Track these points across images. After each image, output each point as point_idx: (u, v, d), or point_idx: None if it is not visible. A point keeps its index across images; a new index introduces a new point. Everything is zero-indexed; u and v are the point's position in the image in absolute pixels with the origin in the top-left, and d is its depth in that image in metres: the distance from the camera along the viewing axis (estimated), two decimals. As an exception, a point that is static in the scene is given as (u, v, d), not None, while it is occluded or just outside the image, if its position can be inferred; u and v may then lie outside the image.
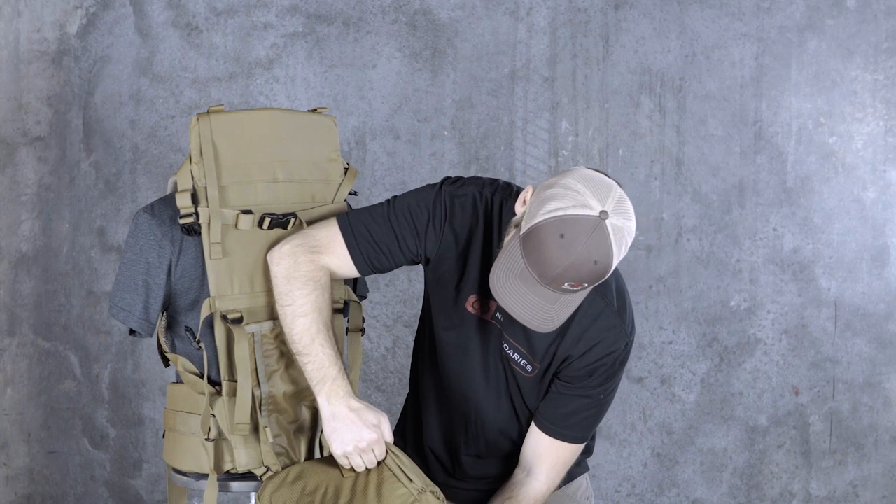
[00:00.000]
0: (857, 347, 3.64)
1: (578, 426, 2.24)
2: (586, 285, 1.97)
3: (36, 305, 3.78)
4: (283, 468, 2.17)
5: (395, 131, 3.65)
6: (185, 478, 2.23)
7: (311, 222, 2.23)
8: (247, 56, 3.67)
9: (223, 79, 3.68)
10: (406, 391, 2.70)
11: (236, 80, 3.67)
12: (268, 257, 2.17)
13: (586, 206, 1.94)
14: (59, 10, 3.71)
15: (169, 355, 2.23)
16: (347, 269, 2.18)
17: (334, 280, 2.22)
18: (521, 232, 1.99)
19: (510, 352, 2.21)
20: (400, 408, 3.66)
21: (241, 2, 3.67)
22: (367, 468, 2.12)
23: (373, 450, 2.10)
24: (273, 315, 2.19)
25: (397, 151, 3.65)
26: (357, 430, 2.08)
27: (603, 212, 1.94)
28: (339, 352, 2.17)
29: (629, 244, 2.00)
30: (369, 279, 3.55)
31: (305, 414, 2.22)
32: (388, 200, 2.20)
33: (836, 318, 3.63)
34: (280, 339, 2.19)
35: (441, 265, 2.19)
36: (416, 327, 2.41)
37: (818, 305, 3.63)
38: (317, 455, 2.24)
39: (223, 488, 2.20)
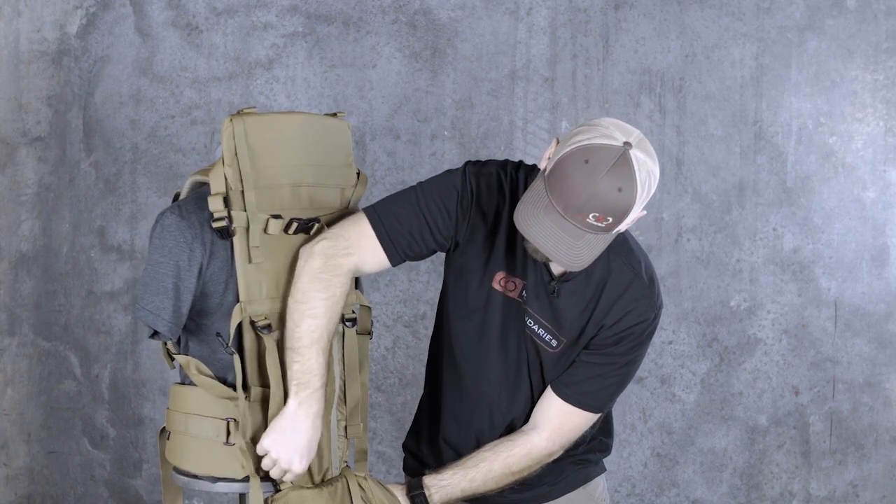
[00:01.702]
0: (857, 347, 3.64)
1: (596, 394, 2.22)
2: (610, 220, 1.97)
3: (36, 305, 3.78)
4: (297, 483, 2.16)
5: (395, 131, 3.65)
6: (185, 478, 2.22)
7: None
8: (247, 56, 3.67)
9: (223, 79, 3.68)
10: (406, 391, 2.70)
11: (236, 80, 3.67)
12: (300, 254, 2.15)
13: (610, 137, 1.97)
14: (59, 10, 3.71)
15: (179, 357, 2.18)
16: (379, 261, 2.17)
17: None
18: (546, 172, 2.01)
19: (535, 327, 2.19)
20: (400, 407, 3.66)
21: (241, 2, 3.67)
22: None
23: (286, 472, 2.12)
24: None
25: (397, 151, 3.65)
26: (292, 453, 2.09)
27: (627, 143, 1.96)
28: (330, 367, 2.16)
29: (653, 188, 2.00)
30: (369, 280, 3.55)
31: (322, 427, 2.21)
32: (413, 187, 2.19)
33: (836, 318, 3.63)
34: None
35: (470, 246, 2.18)
36: (416, 328, 2.40)
37: (818, 305, 3.63)
38: (334, 469, 2.22)
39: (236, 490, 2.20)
